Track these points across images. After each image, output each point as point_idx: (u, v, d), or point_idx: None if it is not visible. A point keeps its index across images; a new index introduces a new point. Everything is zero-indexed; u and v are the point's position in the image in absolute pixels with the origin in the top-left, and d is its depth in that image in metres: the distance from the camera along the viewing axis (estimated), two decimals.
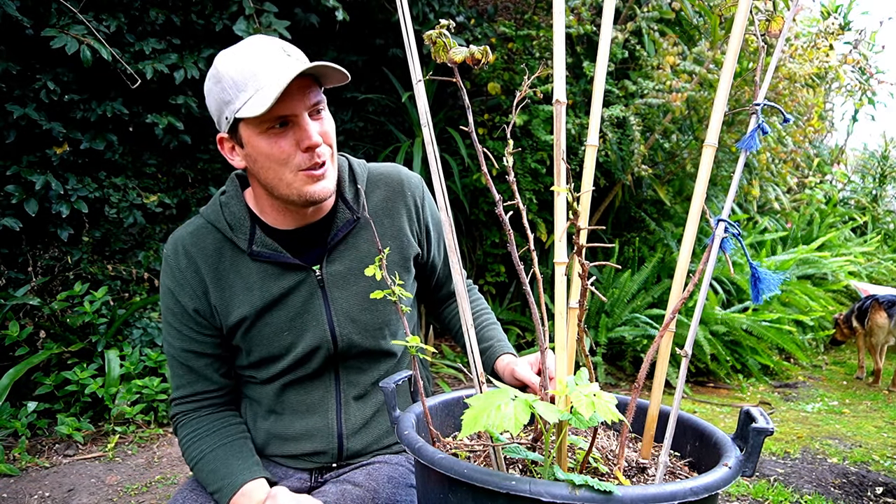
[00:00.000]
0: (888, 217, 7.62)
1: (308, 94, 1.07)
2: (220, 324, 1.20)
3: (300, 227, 1.21)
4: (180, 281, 1.18)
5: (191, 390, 1.23)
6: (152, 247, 3.41)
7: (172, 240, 1.21)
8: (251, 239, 1.18)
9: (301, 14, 3.43)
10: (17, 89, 2.81)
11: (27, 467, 2.52)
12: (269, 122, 1.06)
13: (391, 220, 1.26)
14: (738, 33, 0.83)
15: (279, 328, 1.20)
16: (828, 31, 3.61)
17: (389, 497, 1.17)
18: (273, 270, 1.19)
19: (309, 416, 1.25)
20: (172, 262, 1.19)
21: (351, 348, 1.24)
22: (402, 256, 1.27)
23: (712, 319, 4.00)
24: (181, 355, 1.21)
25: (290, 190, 1.11)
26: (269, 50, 1.06)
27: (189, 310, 1.19)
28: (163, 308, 1.22)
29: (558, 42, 0.82)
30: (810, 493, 2.45)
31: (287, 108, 1.05)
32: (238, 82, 1.04)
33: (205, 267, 1.18)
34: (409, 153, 3.86)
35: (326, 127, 1.12)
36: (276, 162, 1.09)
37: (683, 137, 4.24)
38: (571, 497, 0.66)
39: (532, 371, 1.19)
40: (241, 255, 1.19)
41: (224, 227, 1.18)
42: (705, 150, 0.88)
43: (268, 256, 1.18)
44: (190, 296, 1.18)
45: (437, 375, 3.75)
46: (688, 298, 0.86)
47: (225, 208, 1.20)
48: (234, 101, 1.05)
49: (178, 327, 1.20)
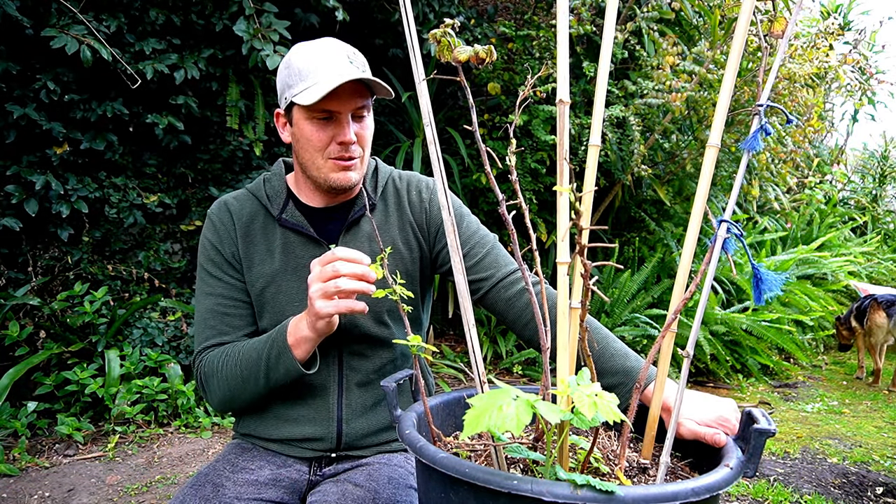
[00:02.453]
0: (888, 217, 7.63)
1: (355, 97, 1.21)
2: (244, 276, 1.31)
3: (328, 206, 1.34)
4: (220, 232, 1.32)
5: (220, 339, 1.28)
6: (152, 247, 3.41)
7: (218, 201, 1.36)
8: (283, 209, 1.31)
9: (301, 14, 3.43)
10: (17, 89, 2.81)
11: (27, 467, 2.52)
12: (316, 112, 1.20)
13: (414, 216, 1.35)
14: (741, 33, 0.83)
15: (291, 297, 1.28)
16: (828, 31, 3.61)
17: (390, 498, 1.17)
18: (296, 240, 1.30)
19: (310, 397, 1.28)
20: (216, 218, 1.33)
21: (353, 328, 1.28)
22: (419, 249, 1.34)
23: (712, 319, 4.00)
24: (218, 304, 1.29)
25: (319, 173, 1.25)
26: (335, 52, 1.20)
27: (227, 256, 1.31)
28: (201, 261, 1.32)
29: (562, 42, 0.82)
30: (810, 493, 2.45)
31: (333, 105, 1.19)
32: (302, 72, 1.19)
33: (238, 224, 1.32)
34: (410, 153, 3.86)
35: (364, 131, 1.26)
36: (313, 147, 1.23)
37: (683, 137, 4.24)
38: (573, 497, 0.66)
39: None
40: (271, 222, 1.32)
41: (262, 197, 1.33)
42: (708, 151, 0.88)
43: (293, 225, 1.30)
44: (228, 244, 1.31)
45: (438, 375, 3.75)
46: (688, 299, 0.86)
47: (267, 183, 1.36)
48: (294, 87, 1.20)
49: (218, 274, 1.30)
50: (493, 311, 1.29)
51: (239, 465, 1.24)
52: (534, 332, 1.22)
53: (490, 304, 1.29)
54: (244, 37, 3.01)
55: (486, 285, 1.28)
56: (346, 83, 1.17)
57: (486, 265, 1.29)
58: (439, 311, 4.26)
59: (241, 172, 3.60)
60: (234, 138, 3.49)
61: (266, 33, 3.04)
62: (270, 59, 2.96)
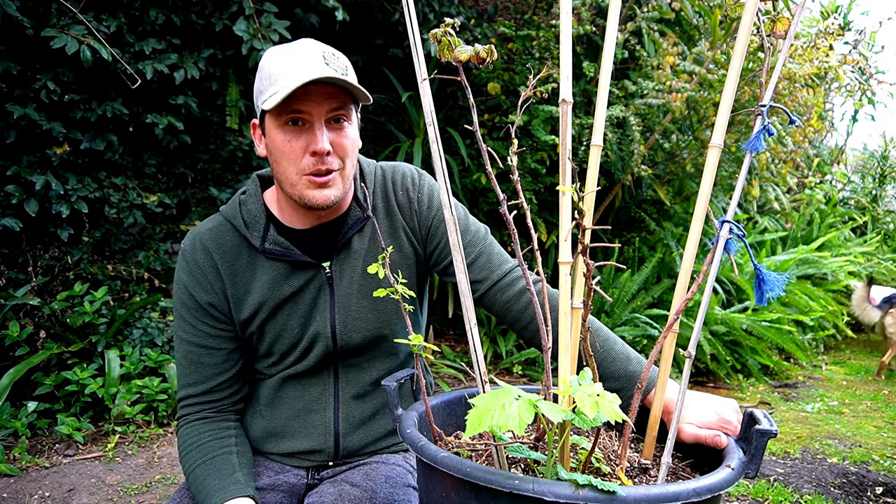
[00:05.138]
0: (888, 217, 7.62)
1: (328, 100, 1.10)
2: (234, 318, 1.22)
3: (315, 226, 1.23)
4: (196, 276, 1.20)
5: (197, 389, 1.22)
6: (152, 247, 3.40)
7: (191, 235, 1.23)
8: (264, 237, 1.20)
9: (301, 14, 3.43)
10: (17, 89, 2.81)
11: (27, 467, 2.52)
12: (284, 115, 1.09)
13: (405, 220, 1.27)
14: (744, 34, 0.83)
15: (289, 325, 1.22)
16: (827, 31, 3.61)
17: (387, 497, 1.17)
18: (285, 269, 1.21)
19: (306, 413, 1.26)
20: (189, 258, 1.21)
21: (350, 346, 1.24)
22: (414, 254, 1.28)
23: (712, 319, 4.00)
24: (193, 351, 1.21)
25: (294, 190, 1.14)
26: (307, 53, 1.09)
27: (203, 303, 1.20)
28: (176, 303, 1.23)
29: (565, 42, 0.82)
30: (810, 493, 2.45)
31: (302, 105, 1.08)
32: (272, 76, 1.09)
33: (222, 263, 1.20)
34: (409, 153, 3.86)
35: (343, 139, 1.13)
36: (286, 158, 1.12)
37: (683, 137, 4.24)
38: (575, 497, 0.66)
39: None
40: (256, 255, 1.21)
41: (240, 225, 1.21)
42: (710, 151, 0.88)
43: (279, 254, 1.19)
44: (206, 290, 1.20)
45: (438, 375, 3.75)
46: (689, 299, 0.86)
47: (243, 206, 1.23)
48: (263, 93, 1.10)
49: (192, 321, 1.21)
50: (491, 312, 1.25)
51: None
52: (534, 332, 1.20)
53: (487, 306, 1.25)
54: (244, 37, 3.01)
55: (482, 288, 1.23)
56: (320, 85, 1.07)
57: (479, 267, 1.23)
58: (439, 310, 4.26)
59: (241, 172, 3.59)
60: (234, 138, 3.49)
61: (266, 33, 3.04)
62: None
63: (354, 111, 1.18)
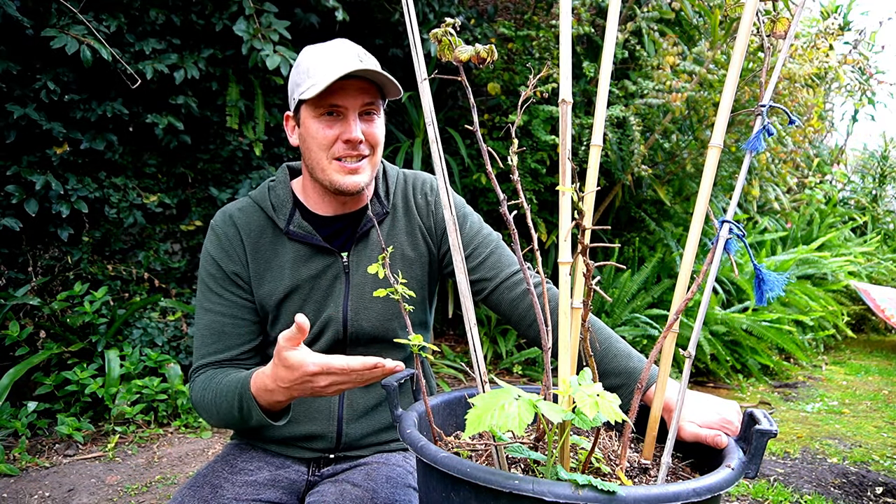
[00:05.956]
0: (888, 217, 7.62)
1: (363, 94, 1.20)
2: (254, 292, 1.28)
3: (337, 214, 1.31)
4: (225, 247, 1.27)
5: (216, 358, 1.26)
6: (152, 247, 3.40)
7: (221, 212, 1.31)
8: (289, 220, 1.28)
9: (301, 14, 3.43)
10: (17, 89, 2.81)
11: (27, 467, 2.52)
12: (322, 108, 1.19)
13: (422, 220, 1.35)
14: (744, 34, 0.83)
15: (304, 308, 1.27)
16: (827, 31, 3.61)
17: (388, 497, 1.17)
18: (305, 253, 1.28)
19: (311, 397, 1.28)
20: (220, 231, 1.29)
21: (359, 334, 1.29)
22: (428, 253, 1.34)
23: (712, 319, 4.00)
24: (216, 321, 1.26)
25: (325, 175, 1.23)
26: (343, 51, 1.20)
27: (229, 272, 1.27)
28: (202, 275, 1.29)
29: (565, 42, 0.82)
30: (810, 493, 2.45)
31: (339, 99, 1.18)
32: (309, 70, 1.18)
33: (247, 238, 1.28)
34: (409, 153, 3.86)
35: (374, 129, 1.23)
36: (319, 146, 1.21)
37: (683, 137, 4.24)
38: (575, 497, 0.66)
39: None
40: (280, 236, 1.29)
41: (268, 207, 1.29)
42: (710, 152, 0.88)
43: (302, 237, 1.27)
44: (233, 260, 1.27)
45: (438, 375, 3.75)
46: (689, 299, 0.86)
47: (272, 191, 1.32)
48: (301, 85, 1.19)
49: (219, 291, 1.27)
50: (497, 311, 1.30)
51: (237, 466, 1.24)
52: (538, 332, 1.22)
53: (494, 305, 1.30)
54: (244, 37, 3.01)
55: (490, 286, 1.29)
56: (355, 81, 1.18)
57: (489, 265, 1.30)
58: (439, 310, 4.26)
59: (241, 172, 3.59)
60: (234, 138, 3.49)
61: (266, 33, 3.04)
62: (270, 59, 2.96)
63: (382, 106, 1.27)
